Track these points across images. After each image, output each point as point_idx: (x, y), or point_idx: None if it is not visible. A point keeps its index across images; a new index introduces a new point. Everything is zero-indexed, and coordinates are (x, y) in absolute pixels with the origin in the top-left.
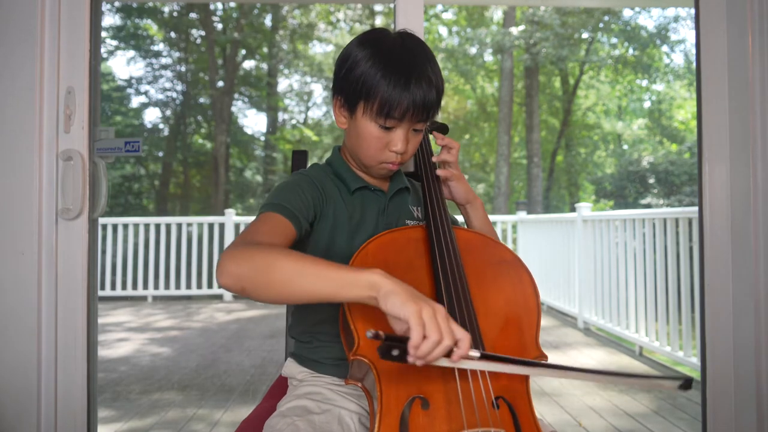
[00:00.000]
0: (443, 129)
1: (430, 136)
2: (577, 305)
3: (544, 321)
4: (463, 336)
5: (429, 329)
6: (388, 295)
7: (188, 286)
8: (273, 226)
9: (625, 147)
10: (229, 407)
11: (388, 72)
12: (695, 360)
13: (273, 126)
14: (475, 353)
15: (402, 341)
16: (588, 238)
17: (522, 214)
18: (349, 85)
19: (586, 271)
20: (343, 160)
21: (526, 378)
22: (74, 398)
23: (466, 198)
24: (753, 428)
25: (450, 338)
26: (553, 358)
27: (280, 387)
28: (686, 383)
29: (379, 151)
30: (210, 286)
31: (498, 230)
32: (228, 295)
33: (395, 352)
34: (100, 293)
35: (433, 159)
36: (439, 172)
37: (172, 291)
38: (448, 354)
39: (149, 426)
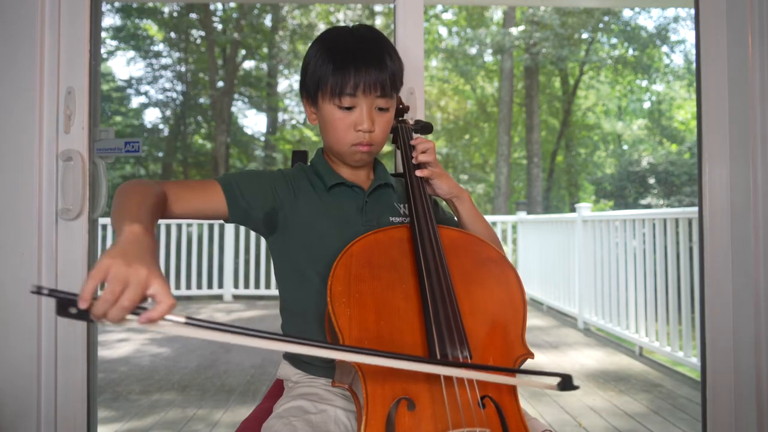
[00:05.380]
0: (427, 128)
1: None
2: (577, 305)
3: (544, 321)
4: (164, 300)
5: (106, 289)
6: (114, 245)
7: (188, 286)
8: (201, 187)
9: (625, 147)
10: (229, 407)
11: (333, 55)
12: (695, 360)
13: (273, 126)
14: (179, 318)
15: (75, 297)
16: (588, 239)
17: (522, 215)
18: (308, 81)
19: (586, 271)
20: (323, 158)
21: (513, 376)
22: (74, 398)
23: (451, 192)
24: (753, 428)
25: (129, 301)
26: (552, 358)
27: (280, 387)
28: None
29: (346, 132)
30: (210, 286)
31: (498, 231)
32: (228, 295)
33: (73, 310)
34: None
35: (414, 161)
36: (419, 172)
37: (172, 291)
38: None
39: (149, 426)
